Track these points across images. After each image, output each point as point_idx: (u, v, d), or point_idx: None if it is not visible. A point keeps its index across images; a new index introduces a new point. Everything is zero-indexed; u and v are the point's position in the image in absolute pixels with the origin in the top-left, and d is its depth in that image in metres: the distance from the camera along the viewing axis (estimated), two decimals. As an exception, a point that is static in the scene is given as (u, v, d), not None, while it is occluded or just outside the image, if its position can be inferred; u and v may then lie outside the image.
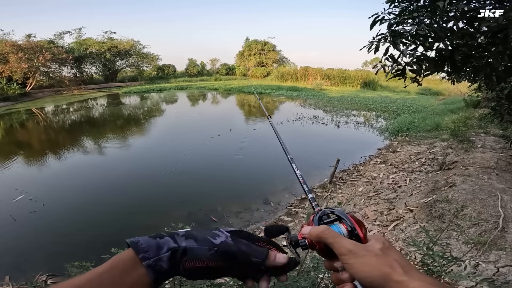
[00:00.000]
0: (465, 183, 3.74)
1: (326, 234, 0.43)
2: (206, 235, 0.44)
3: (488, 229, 2.75)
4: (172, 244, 0.41)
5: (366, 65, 43.32)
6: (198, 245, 0.43)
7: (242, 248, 0.45)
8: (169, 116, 12.84)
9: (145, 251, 0.39)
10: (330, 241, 0.42)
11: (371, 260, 0.39)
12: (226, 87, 23.36)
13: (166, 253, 0.40)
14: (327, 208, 0.50)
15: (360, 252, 0.40)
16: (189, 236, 0.44)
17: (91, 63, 27.76)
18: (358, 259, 0.40)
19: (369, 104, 14.83)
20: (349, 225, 0.45)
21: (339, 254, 0.41)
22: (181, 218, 3.93)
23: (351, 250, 0.40)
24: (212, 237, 0.44)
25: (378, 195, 4.34)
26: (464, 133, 6.38)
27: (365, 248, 0.41)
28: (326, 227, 0.44)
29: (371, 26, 2.99)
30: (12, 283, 2.82)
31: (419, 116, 10.01)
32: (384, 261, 0.39)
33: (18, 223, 3.91)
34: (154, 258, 0.39)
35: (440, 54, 2.79)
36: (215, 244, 0.43)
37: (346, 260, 0.40)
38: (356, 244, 0.42)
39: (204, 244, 0.43)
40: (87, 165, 6.35)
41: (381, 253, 0.40)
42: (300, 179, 0.66)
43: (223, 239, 0.45)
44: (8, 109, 15.55)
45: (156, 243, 0.40)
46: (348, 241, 0.42)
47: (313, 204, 0.57)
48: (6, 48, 18.88)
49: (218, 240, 0.44)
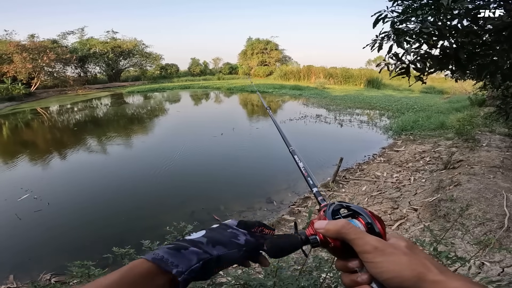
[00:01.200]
0: (470, 182, 3.71)
1: (347, 230, 0.38)
2: (230, 238, 0.45)
3: (493, 228, 2.72)
4: (202, 254, 0.41)
5: (370, 64, 43.06)
6: (228, 250, 0.43)
7: (261, 241, 0.47)
8: (172, 116, 12.88)
9: (176, 265, 0.38)
10: (351, 237, 0.38)
11: (401, 259, 0.35)
12: (229, 86, 23.38)
13: (197, 263, 0.39)
14: (341, 202, 0.45)
15: (387, 250, 0.36)
16: (216, 243, 0.43)
17: (95, 63, 27.94)
18: (386, 257, 0.35)
19: (373, 102, 14.74)
20: (368, 220, 0.41)
21: (363, 252, 0.37)
22: (184, 217, 3.94)
23: (377, 247, 0.36)
24: (235, 238, 0.45)
25: (381, 194, 4.31)
26: (469, 132, 6.32)
27: (392, 245, 0.37)
28: (347, 222, 0.40)
29: (374, 24, 2.96)
30: (17, 282, 2.84)
31: (424, 115, 9.93)
32: (416, 260, 0.35)
33: (23, 222, 3.95)
34: (188, 270, 0.38)
35: (445, 52, 2.76)
36: (242, 245, 0.45)
37: (371, 259, 0.36)
38: (382, 241, 0.38)
39: (233, 247, 0.44)
40: (91, 164, 6.40)
41: (409, 251, 0.36)
42: (303, 171, 0.62)
43: (244, 237, 0.46)
44: (13, 109, 15.70)
45: (181, 255, 0.39)
46: (372, 238, 0.38)
47: (319, 198, 0.53)
48: (10, 49, 19.07)
49: (242, 239, 0.46)
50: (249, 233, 0.47)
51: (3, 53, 19.54)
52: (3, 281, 2.87)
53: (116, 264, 2.64)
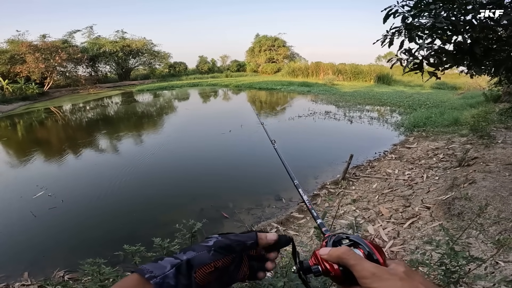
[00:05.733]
0: (485, 180, 3.60)
1: (347, 255, 0.41)
2: (200, 243, 0.49)
3: (508, 227, 2.64)
4: (174, 261, 0.44)
5: (380, 60, 42.35)
6: (197, 252, 0.46)
7: (233, 238, 0.50)
8: (181, 113, 12.99)
9: (150, 272, 0.41)
10: (351, 263, 0.40)
11: (396, 284, 0.37)
12: (237, 84, 23.41)
13: (171, 269, 0.42)
14: (342, 233, 0.48)
15: (384, 276, 0.38)
16: (186, 250, 0.47)
17: (105, 62, 28.40)
18: (382, 282, 0.37)
19: (383, 99, 14.48)
20: (367, 250, 0.43)
21: (361, 278, 0.39)
22: (193, 215, 3.97)
23: (374, 273, 0.38)
24: (205, 242, 0.48)
25: (393, 191, 4.24)
26: (484, 128, 6.13)
27: (389, 272, 0.39)
28: (348, 248, 0.43)
29: (384, 19, 2.90)
30: (31, 279, 2.89)
31: (436, 111, 9.69)
32: (410, 285, 0.37)
33: (38, 219, 4.05)
34: (160, 276, 0.41)
35: (459, 48, 2.67)
36: (210, 245, 0.47)
37: (369, 284, 0.38)
38: (380, 267, 0.40)
39: (202, 249, 0.47)
40: (105, 161, 6.52)
41: (406, 276, 0.38)
42: (308, 204, 0.66)
43: (214, 239, 0.49)
44: (27, 108, 16.13)
45: (158, 264, 0.43)
46: (371, 264, 0.40)
47: (323, 229, 0.57)
48: (23, 49, 19.53)
49: (211, 241, 0.48)
50: (222, 236, 0.50)
51: (16, 54, 20.05)
52: (18, 278, 2.93)
53: (127, 262, 2.68)
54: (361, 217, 3.61)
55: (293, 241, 0.54)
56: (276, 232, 0.50)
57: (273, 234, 0.52)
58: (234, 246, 0.49)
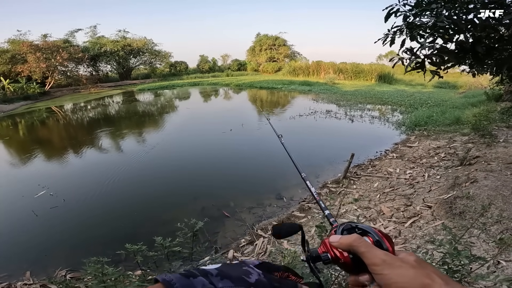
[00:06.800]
0: (487, 179, 3.59)
1: (358, 243, 0.41)
2: (240, 274, 0.44)
3: (510, 226, 2.63)
4: (208, 285, 0.40)
5: (381, 59, 42.31)
6: (234, 285, 0.42)
7: (276, 285, 0.45)
8: (182, 112, 12.99)
9: None
10: (362, 250, 0.41)
11: (408, 271, 0.37)
12: (238, 83, 23.41)
13: None
14: (350, 222, 0.48)
15: (395, 263, 0.38)
16: (224, 276, 0.43)
17: (106, 62, 28.43)
18: (394, 269, 0.38)
19: (385, 98, 14.45)
20: (376, 238, 0.44)
21: (372, 265, 0.39)
22: (194, 213, 3.98)
23: (385, 260, 0.38)
24: (246, 276, 0.44)
25: (394, 190, 4.23)
26: (486, 127, 6.10)
27: (400, 259, 0.39)
28: (359, 236, 0.43)
29: (385, 18, 2.89)
30: (33, 279, 2.89)
31: (438, 110, 9.66)
32: (422, 272, 0.37)
33: (40, 218, 4.07)
34: None
35: (461, 47, 2.66)
36: (251, 283, 0.43)
37: (379, 271, 0.38)
38: (390, 255, 0.40)
39: (241, 284, 0.42)
40: (106, 160, 6.53)
41: (417, 264, 0.38)
42: (315, 196, 0.67)
43: (256, 277, 0.44)
44: (28, 107, 16.17)
45: (189, 282, 0.39)
46: (381, 251, 0.40)
47: (331, 219, 0.58)
48: (24, 49, 19.56)
49: (253, 278, 0.44)
50: (264, 274, 0.46)
51: (17, 53, 20.08)
52: (20, 277, 2.94)
53: (128, 261, 2.67)
54: (363, 216, 3.61)
55: (302, 229, 0.54)
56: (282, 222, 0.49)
57: None
58: None
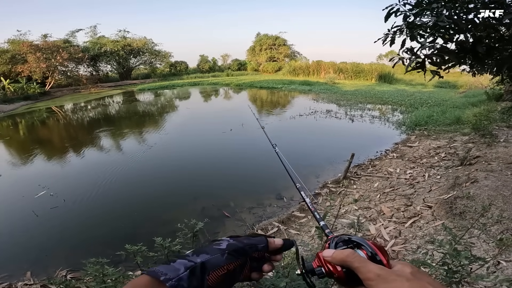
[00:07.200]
0: (487, 179, 3.59)
1: (352, 258, 0.41)
2: (212, 246, 0.49)
3: (511, 227, 2.63)
4: (187, 263, 0.44)
5: (381, 59, 42.32)
6: (211, 255, 0.46)
7: (246, 242, 0.51)
8: (182, 112, 12.99)
9: (165, 274, 0.42)
10: (356, 266, 0.40)
11: (403, 285, 0.36)
12: (238, 83, 23.41)
13: (185, 272, 0.43)
14: (344, 235, 0.48)
15: (390, 277, 0.37)
16: (199, 252, 0.47)
17: (106, 62, 28.43)
18: (388, 284, 0.37)
19: (385, 97, 14.45)
20: (370, 251, 0.43)
21: (366, 280, 0.38)
22: (194, 214, 3.98)
23: (379, 274, 0.38)
24: (218, 245, 0.49)
25: (394, 190, 4.23)
26: (486, 127, 6.10)
27: (395, 273, 0.38)
28: (352, 251, 0.43)
29: (385, 18, 2.89)
30: (33, 279, 2.89)
31: (438, 110, 9.66)
32: (417, 285, 0.36)
33: (40, 218, 4.07)
34: (175, 278, 0.41)
35: (462, 46, 2.66)
36: (224, 248, 0.48)
37: (374, 286, 0.37)
38: (385, 268, 0.39)
39: (215, 252, 0.47)
40: (106, 160, 6.52)
41: (413, 277, 0.37)
42: (310, 207, 0.67)
43: (226, 242, 0.50)
44: (29, 107, 16.17)
45: (171, 266, 0.43)
46: (375, 266, 0.39)
47: (326, 231, 0.57)
48: (24, 49, 19.55)
49: (223, 244, 0.49)
50: (233, 239, 0.51)
51: (17, 53, 20.08)
52: (20, 277, 2.94)
53: (128, 261, 2.67)
54: (363, 216, 3.61)
55: (295, 244, 0.55)
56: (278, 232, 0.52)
57: (280, 240, 0.54)
58: (247, 250, 0.50)
